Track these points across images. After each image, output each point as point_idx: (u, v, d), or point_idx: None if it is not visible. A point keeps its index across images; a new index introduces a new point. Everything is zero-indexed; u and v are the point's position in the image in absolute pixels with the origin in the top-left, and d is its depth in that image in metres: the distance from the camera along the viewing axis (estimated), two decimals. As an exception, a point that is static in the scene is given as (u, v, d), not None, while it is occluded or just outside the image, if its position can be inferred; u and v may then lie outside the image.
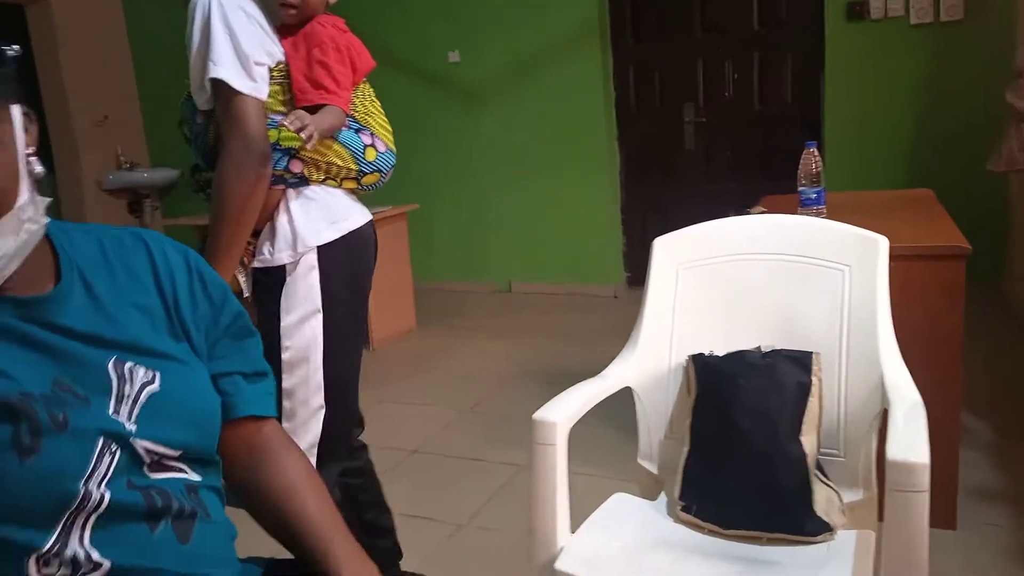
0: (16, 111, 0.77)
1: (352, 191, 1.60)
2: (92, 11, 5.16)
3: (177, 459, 0.84)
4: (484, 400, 3.27)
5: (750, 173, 4.51)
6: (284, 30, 1.51)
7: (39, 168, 0.79)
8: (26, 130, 0.78)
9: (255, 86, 1.38)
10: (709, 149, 4.63)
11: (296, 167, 1.48)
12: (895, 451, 1.12)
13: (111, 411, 0.79)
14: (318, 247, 1.50)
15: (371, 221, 1.64)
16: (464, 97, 4.99)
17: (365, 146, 1.56)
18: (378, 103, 1.66)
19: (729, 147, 4.58)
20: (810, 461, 1.38)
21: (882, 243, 1.51)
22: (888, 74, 4.01)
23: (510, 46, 4.79)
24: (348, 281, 1.56)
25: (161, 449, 0.82)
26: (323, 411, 1.56)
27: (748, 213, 2.16)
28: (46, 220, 0.79)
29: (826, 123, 4.21)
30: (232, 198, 1.37)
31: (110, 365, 0.81)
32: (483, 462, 2.69)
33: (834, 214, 2.16)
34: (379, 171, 1.60)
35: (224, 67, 1.35)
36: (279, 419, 1.44)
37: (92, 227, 0.91)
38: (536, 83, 4.78)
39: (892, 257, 1.52)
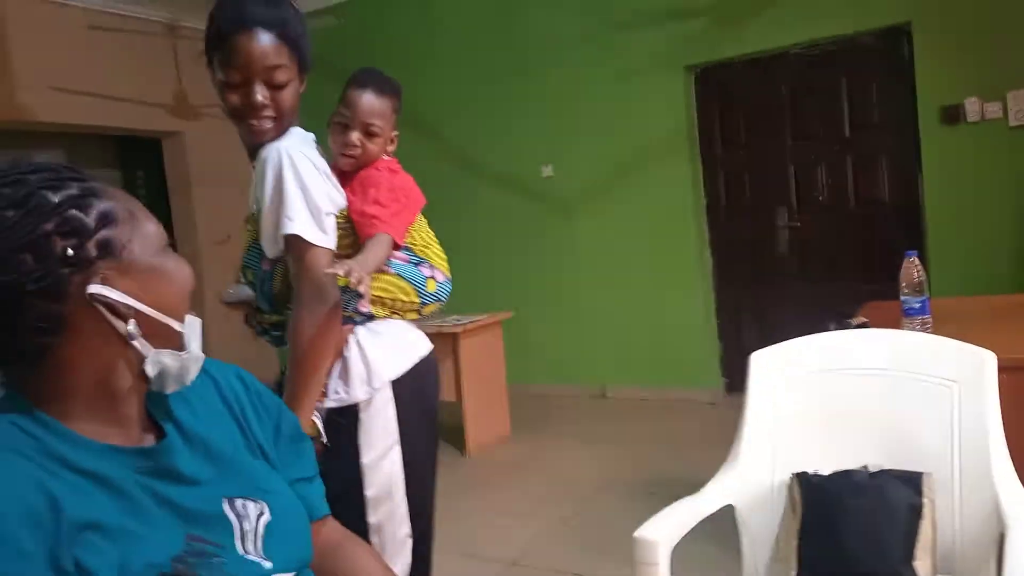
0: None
1: (413, 320, 1.64)
2: (220, 142, 5.66)
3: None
4: (581, 510, 3.25)
5: (849, 275, 4.44)
6: (341, 176, 1.57)
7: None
8: None
9: (326, 238, 1.43)
10: (804, 252, 4.60)
11: (363, 307, 1.52)
12: (1015, 581, 1.09)
13: (241, 551, 0.84)
14: (392, 381, 1.51)
15: (432, 349, 1.66)
16: (557, 208, 5.17)
17: (426, 278, 1.60)
18: (432, 233, 1.71)
19: (825, 250, 4.54)
20: (926, 588, 1.33)
21: (989, 359, 1.49)
22: (989, 176, 3.93)
23: (600, 158, 4.97)
24: (421, 409, 1.58)
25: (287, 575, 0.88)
26: (411, 540, 1.56)
27: (848, 324, 2.15)
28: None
29: (928, 226, 4.13)
30: (308, 343, 1.40)
31: (225, 507, 0.86)
32: (583, 576, 2.65)
33: (940, 323, 2.12)
34: (438, 300, 1.64)
35: (298, 223, 1.40)
36: None
37: None
38: (626, 191, 4.91)
39: (1004, 369, 1.49)
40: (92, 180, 0.83)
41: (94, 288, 0.77)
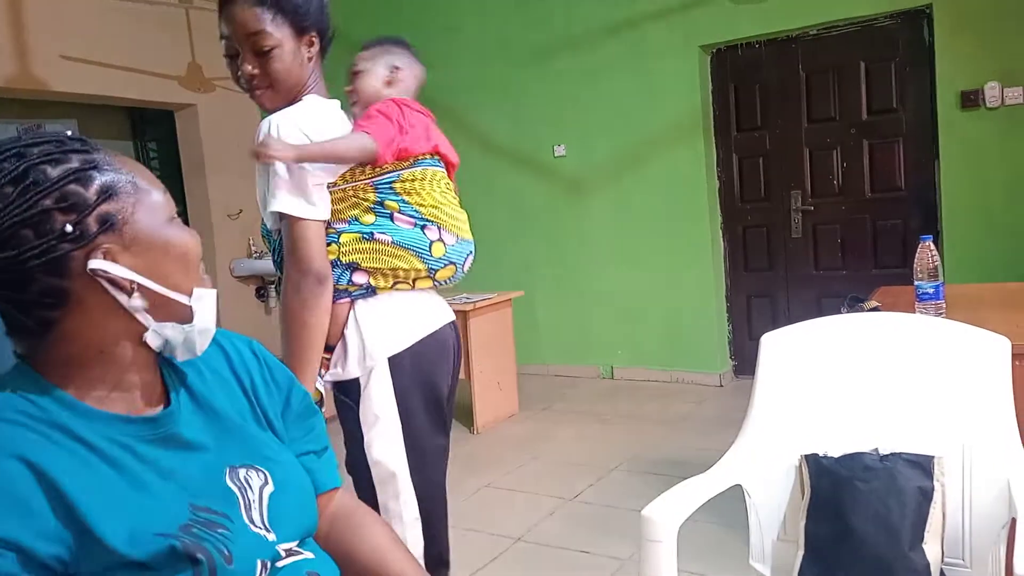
0: None
1: (430, 288, 1.57)
2: (233, 115, 5.67)
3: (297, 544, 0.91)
4: (588, 489, 3.26)
5: (862, 261, 4.42)
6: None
7: None
8: None
9: (313, 210, 1.41)
10: (817, 237, 4.57)
11: (360, 279, 1.48)
12: (1022, 566, 1.08)
13: (247, 522, 0.85)
14: (389, 358, 1.48)
15: (452, 323, 1.61)
16: (569, 187, 5.14)
17: (431, 242, 1.52)
18: (450, 192, 1.61)
19: (839, 235, 4.51)
20: (934, 570, 1.33)
21: (1004, 345, 1.47)
22: (1008, 161, 3.89)
23: (614, 139, 4.93)
24: (425, 389, 1.53)
25: (291, 545, 0.89)
26: (419, 524, 1.52)
27: (861, 308, 2.13)
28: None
29: (943, 212, 4.09)
30: (293, 318, 1.40)
31: (226, 479, 0.86)
32: (588, 554, 2.67)
33: (954, 309, 2.11)
34: (452, 263, 1.56)
35: (281, 199, 1.39)
36: None
37: None
38: (639, 172, 4.88)
39: (1018, 355, 1.48)
40: (98, 151, 0.81)
41: (95, 263, 0.77)
